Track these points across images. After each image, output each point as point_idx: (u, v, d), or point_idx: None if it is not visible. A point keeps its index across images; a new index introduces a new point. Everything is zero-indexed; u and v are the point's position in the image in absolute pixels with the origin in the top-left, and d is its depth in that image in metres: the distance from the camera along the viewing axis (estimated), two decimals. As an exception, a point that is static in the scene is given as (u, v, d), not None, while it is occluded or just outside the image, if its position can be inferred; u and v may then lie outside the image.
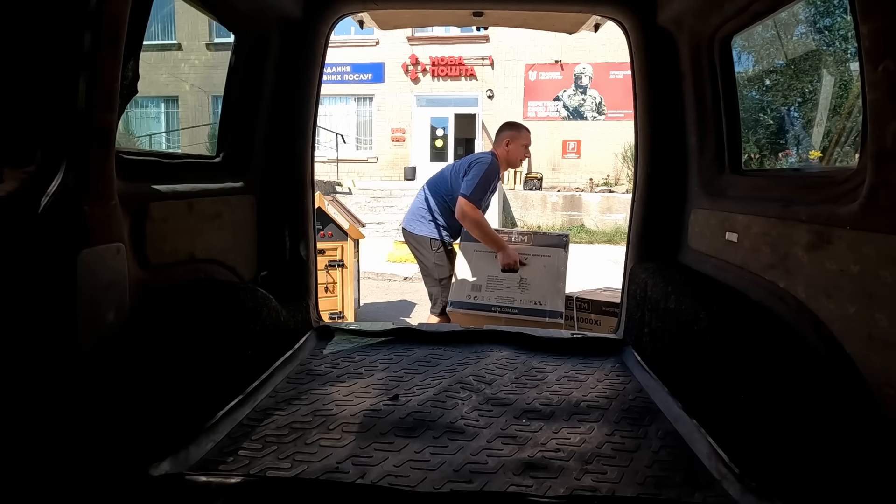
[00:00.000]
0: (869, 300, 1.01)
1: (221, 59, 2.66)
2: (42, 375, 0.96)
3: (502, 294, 2.63)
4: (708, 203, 1.80)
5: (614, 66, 13.46)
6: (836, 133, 3.39)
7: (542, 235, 2.84)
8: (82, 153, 1.01)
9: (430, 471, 1.21)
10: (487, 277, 2.69)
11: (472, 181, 2.78)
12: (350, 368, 1.82)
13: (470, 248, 2.80)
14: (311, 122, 2.12)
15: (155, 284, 1.33)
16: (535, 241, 2.77)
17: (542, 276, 2.63)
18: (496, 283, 2.66)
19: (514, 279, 2.65)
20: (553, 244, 2.73)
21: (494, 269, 2.68)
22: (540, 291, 2.60)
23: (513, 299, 2.61)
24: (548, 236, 2.82)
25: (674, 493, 1.17)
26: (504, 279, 2.66)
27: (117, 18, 1.03)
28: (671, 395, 1.58)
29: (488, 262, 2.72)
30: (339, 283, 4.29)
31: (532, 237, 2.80)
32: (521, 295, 2.61)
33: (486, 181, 2.78)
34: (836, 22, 6.20)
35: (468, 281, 2.70)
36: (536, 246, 2.73)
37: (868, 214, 1.02)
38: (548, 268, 2.65)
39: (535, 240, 2.78)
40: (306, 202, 2.17)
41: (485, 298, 2.64)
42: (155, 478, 1.11)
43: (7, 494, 0.89)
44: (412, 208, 3.05)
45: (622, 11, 2.00)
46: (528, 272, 2.66)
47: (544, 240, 2.78)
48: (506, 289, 2.65)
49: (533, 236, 2.80)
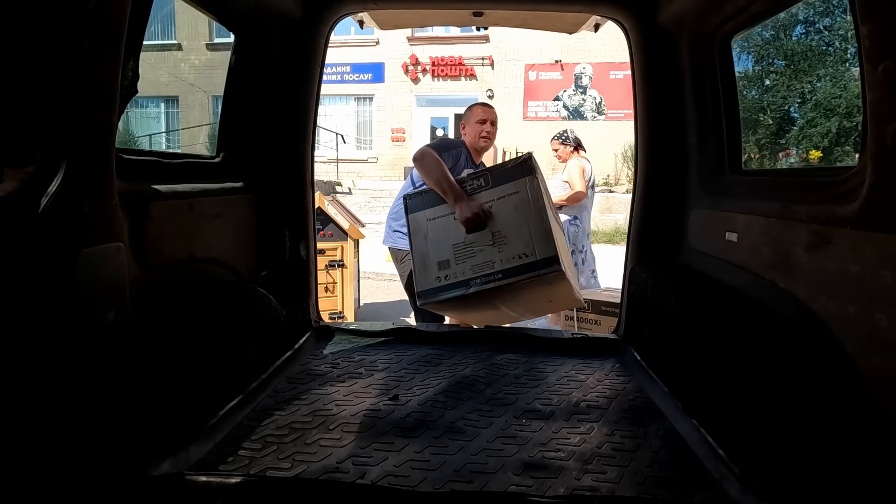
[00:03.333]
0: (869, 300, 1.01)
1: (221, 60, 2.65)
2: (42, 374, 0.96)
3: (477, 261, 2.05)
4: (708, 203, 1.80)
5: (614, 65, 13.47)
6: (836, 133, 3.40)
7: (499, 170, 2.18)
8: (83, 153, 1.01)
9: (430, 471, 1.21)
10: (453, 248, 2.09)
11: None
12: (350, 368, 1.82)
13: (421, 218, 2.19)
14: (311, 122, 2.12)
15: (155, 284, 1.33)
16: (494, 181, 2.12)
17: (517, 221, 2.04)
18: (466, 251, 2.07)
19: (486, 237, 2.06)
20: (516, 176, 2.09)
21: (459, 235, 2.09)
22: (521, 240, 2.02)
23: (492, 262, 2.03)
24: (506, 169, 2.15)
25: (673, 493, 1.17)
26: (474, 242, 2.07)
27: (117, 18, 1.03)
28: (671, 395, 1.58)
29: (449, 228, 2.12)
30: (339, 283, 4.29)
31: (489, 177, 2.14)
32: (501, 253, 2.03)
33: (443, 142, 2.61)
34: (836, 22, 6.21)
35: (431, 261, 2.11)
36: (497, 187, 2.12)
37: (868, 214, 1.02)
38: (520, 207, 2.04)
39: (493, 179, 2.13)
40: (306, 202, 2.17)
41: (458, 274, 2.06)
42: (155, 477, 1.11)
43: (8, 494, 0.89)
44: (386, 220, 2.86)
45: (622, 11, 2.00)
46: (499, 221, 2.06)
47: (504, 175, 2.12)
48: (479, 253, 2.06)
49: (489, 175, 2.16)
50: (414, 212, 2.20)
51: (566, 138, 3.94)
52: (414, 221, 2.19)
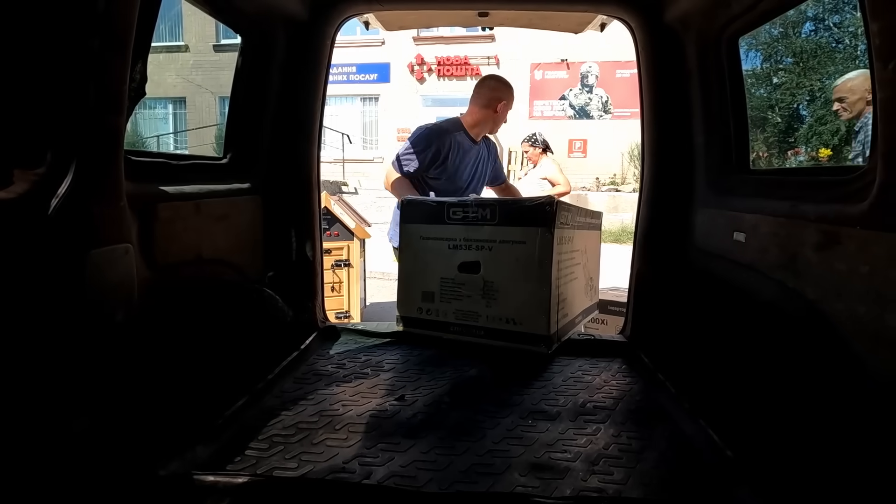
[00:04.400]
0: (879, 301, 1.00)
1: (228, 61, 2.67)
2: (51, 374, 0.97)
3: (462, 307, 1.84)
4: (715, 202, 1.79)
5: (620, 64, 13.42)
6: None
7: (512, 208, 1.80)
8: (91, 155, 1.02)
9: (436, 471, 1.21)
10: (441, 282, 1.86)
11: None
12: (356, 369, 1.83)
13: (414, 233, 1.92)
14: (317, 123, 2.13)
15: (162, 285, 1.34)
16: (502, 218, 1.77)
17: (514, 278, 1.75)
18: (454, 291, 1.84)
19: (476, 283, 1.80)
20: (528, 221, 1.72)
21: (450, 268, 1.83)
22: (513, 302, 1.76)
23: (477, 315, 1.81)
24: (521, 207, 1.77)
25: (680, 494, 1.17)
26: (464, 284, 1.83)
27: (126, 21, 1.04)
28: (678, 396, 1.57)
29: (441, 256, 1.86)
30: (346, 283, 4.30)
31: (496, 211, 1.78)
32: (488, 308, 1.80)
33: (428, 133, 2.48)
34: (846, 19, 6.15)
35: (416, 287, 1.94)
36: (503, 226, 1.76)
37: (878, 214, 1.01)
38: (522, 262, 1.73)
39: (500, 215, 1.77)
40: (312, 203, 2.18)
41: (440, 314, 1.88)
42: (163, 477, 1.12)
43: (16, 494, 0.90)
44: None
45: (628, 11, 1.99)
46: (495, 270, 1.77)
47: (515, 215, 1.76)
48: (466, 298, 1.83)
49: (498, 209, 1.79)
50: (409, 222, 1.97)
51: (535, 141, 4.25)
52: (407, 233, 1.97)
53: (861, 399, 1.02)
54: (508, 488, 1.16)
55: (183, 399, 1.28)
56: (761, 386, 1.24)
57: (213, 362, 1.42)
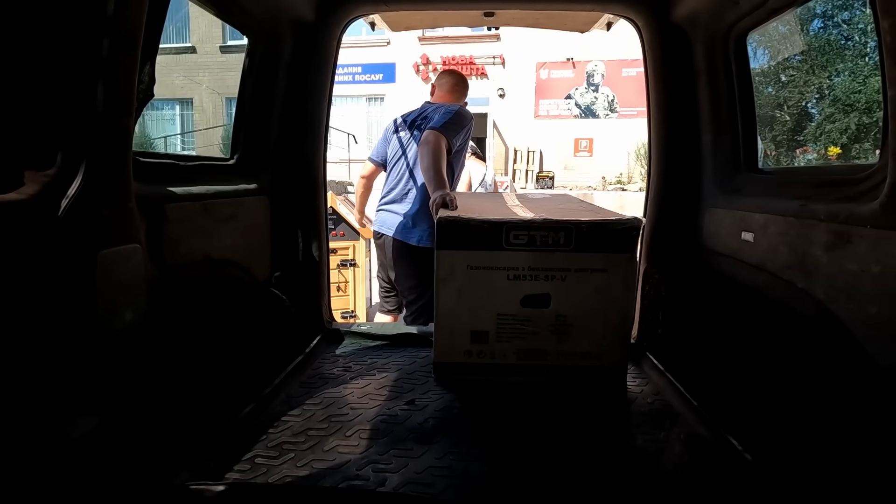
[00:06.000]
0: (890, 301, 0.99)
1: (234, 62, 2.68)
2: (61, 375, 0.97)
3: (526, 345, 1.57)
4: (723, 202, 1.77)
5: (626, 63, 13.35)
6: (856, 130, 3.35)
7: (592, 230, 1.51)
8: (101, 156, 1.03)
9: (452, 477, 1.20)
10: (497, 319, 1.57)
11: (442, 119, 2.28)
12: (363, 371, 1.83)
13: (457, 261, 1.55)
14: (323, 123, 2.14)
15: (170, 285, 1.35)
16: (579, 244, 1.50)
17: (594, 309, 1.53)
18: (514, 328, 1.56)
19: (546, 318, 1.54)
20: (611, 247, 1.50)
21: (511, 303, 1.54)
22: (591, 335, 1.54)
23: (544, 353, 1.56)
24: (604, 231, 1.51)
25: (692, 495, 1.16)
26: (529, 319, 1.55)
27: (134, 23, 1.05)
28: (688, 397, 1.56)
29: (496, 288, 1.55)
30: (351, 283, 4.31)
31: (573, 235, 1.50)
32: (560, 344, 1.56)
33: (458, 120, 2.31)
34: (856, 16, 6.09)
35: (463, 328, 1.60)
36: (581, 253, 1.50)
37: (889, 213, 1.00)
38: (603, 292, 1.51)
39: (577, 240, 1.50)
40: (319, 204, 2.18)
41: (497, 355, 1.58)
42: (172, 488, 1.12)
43: (21, 499, 0.90)
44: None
45: (635, 10, 1.98)
46: (569, 302, 1.53)
47: (596, 240, 1.50)
48: (531, 335, 1.56)
49: (575, 232, 1.50)
50: (447, 248, 1.55)
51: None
52: (446, 263, 1.56)
53: (874, 401, 1.00)
54: (523, 493, 1.16)
55: (191, 404, 1.28)
56: (771, 388, 1.23)
57: (221, 365, 1.43)
